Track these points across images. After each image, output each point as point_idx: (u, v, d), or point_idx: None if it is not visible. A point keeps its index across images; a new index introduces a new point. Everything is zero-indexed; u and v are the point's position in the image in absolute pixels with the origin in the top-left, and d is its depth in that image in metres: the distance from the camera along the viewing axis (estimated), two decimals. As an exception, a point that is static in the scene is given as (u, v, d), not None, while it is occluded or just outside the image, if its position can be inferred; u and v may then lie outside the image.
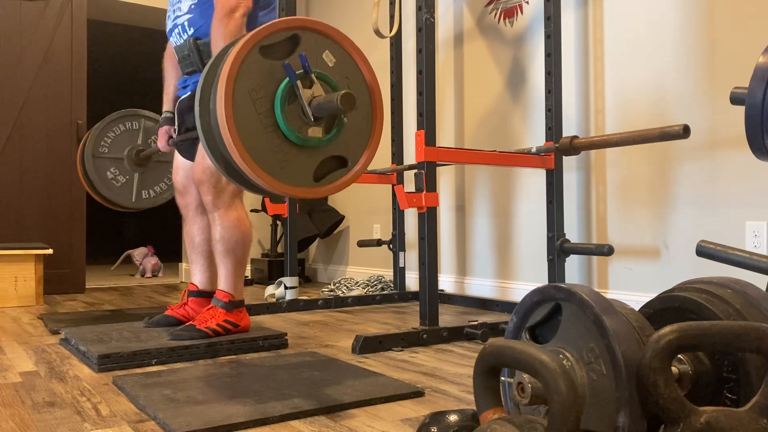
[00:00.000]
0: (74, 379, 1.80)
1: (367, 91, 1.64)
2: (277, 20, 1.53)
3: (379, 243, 3.69)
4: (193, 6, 2.26)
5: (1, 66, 3.91)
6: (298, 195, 1.58)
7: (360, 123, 1.63)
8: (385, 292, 3.59)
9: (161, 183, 2.97)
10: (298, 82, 1.51)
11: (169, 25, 2.38)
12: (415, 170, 2.39)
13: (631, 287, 2.74)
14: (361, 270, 4.34)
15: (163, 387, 1.63)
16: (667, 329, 0.84)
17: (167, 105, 2.46)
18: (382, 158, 4.05)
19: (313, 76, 1.52)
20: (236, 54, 1.45)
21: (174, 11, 2.34)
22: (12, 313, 3.19)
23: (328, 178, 1.60)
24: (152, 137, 2.96)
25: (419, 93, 2.42)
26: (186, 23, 2.28)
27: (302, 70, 1.51)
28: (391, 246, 3.69)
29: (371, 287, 3.79)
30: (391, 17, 3.59)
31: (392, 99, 3.72)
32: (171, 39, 2.38)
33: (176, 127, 2.37)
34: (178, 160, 2.47)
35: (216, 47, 2.05)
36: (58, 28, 4.03)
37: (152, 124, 2.97)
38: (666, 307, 1.04)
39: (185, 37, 2.27)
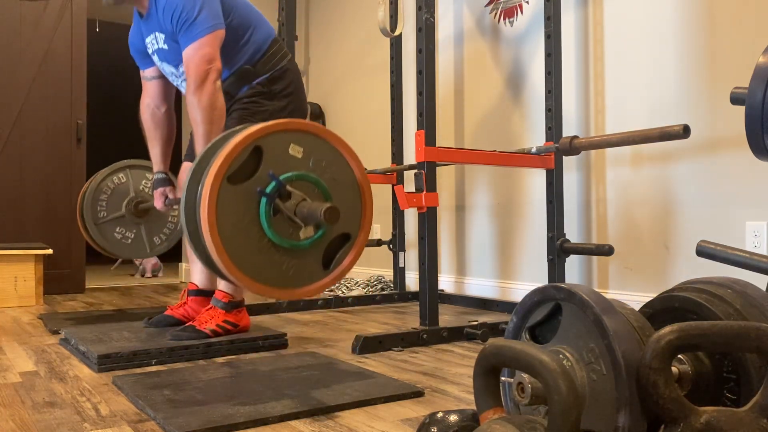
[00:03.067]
0: (74, 379, 1.80)
1: (344, 161, 1.63)
2: (232, 146, 1.47)
3: (379, 243, 3.69)
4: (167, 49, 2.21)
5: (1, 66, 3.91)
6: (317, 292, 1.61)
7: (347, 194, 1.63)
8: (385, 292, 3.59)
9: (168, 224, 2.96)
10: (278, 200, 1.50)
11: (150, 50, 2.27)
12: (415, 170, 2.39)
13: (631, 287, 2.74)
14: (361, 270, 4.34)
15: (163, 387, 1.63)
16: (667, 329, 0.84)
17: (157, 166, 2.42)
18: (382, 158, 4.05)
19: (287, 187, 1.51)
20: (208, 198, 1.43)
21: (150, 45, 2.26)
22: (12, 313, 3.19)
23: (337, 259, 1.63)
24: (143, 182, 2.92)
25: (419, 93, 2.42)
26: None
27: (275, 186, 1.49)
28: (391, 246, 3.69)
29: (371, 287, 3.79)
30: (391, 17, 3.58)
31: (392, 99, 3.72)
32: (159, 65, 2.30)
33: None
34: None
35: (194, 120, 2.06)
36: (58, 28, 4.03)
37: (138, 171, 2.92)
38: (666, 307, 1.04)
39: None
